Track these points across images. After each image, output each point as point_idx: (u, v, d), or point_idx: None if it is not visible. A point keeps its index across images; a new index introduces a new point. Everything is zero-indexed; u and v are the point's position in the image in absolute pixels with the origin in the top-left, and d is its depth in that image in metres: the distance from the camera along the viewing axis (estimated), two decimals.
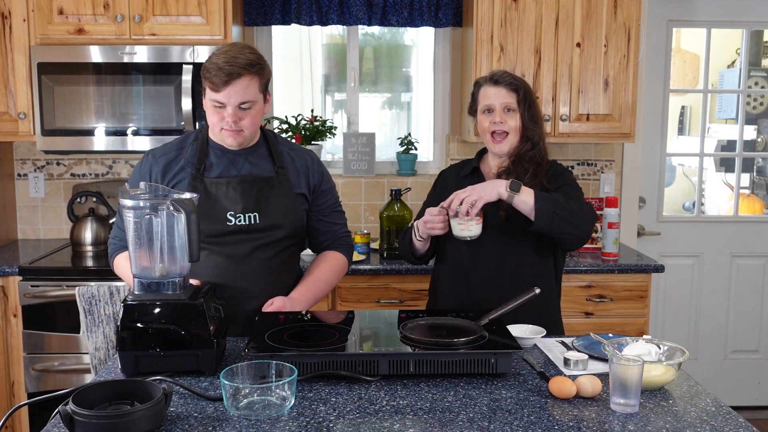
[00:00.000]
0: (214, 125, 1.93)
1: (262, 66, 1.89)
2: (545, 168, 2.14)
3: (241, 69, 1.83)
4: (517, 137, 2.11)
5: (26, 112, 3.05)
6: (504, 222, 2.08)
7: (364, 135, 3.52)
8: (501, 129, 2.10)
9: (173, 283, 1.60)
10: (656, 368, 1.54)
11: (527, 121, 2.10)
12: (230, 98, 1.85)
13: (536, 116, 2.13)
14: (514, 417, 1.41)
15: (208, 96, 1.88)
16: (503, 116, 2.09)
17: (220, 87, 1.83)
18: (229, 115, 1.87)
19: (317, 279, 2.07)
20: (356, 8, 3.38)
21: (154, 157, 1.98)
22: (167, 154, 1.98)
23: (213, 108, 1.89)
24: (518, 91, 2.10)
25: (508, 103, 2.09)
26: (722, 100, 4.05)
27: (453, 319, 1.82)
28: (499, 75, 2.13)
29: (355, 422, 1.38)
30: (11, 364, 2.92)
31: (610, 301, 3.01)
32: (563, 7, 3.09)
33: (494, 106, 2.10)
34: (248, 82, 1.85)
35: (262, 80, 1.90)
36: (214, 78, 1.83)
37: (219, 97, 1.85)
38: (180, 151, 1.98)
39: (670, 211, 3.97)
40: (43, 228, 3.52)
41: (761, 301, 3.86)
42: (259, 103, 1.92)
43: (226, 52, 1.85)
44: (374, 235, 3.36)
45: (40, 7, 2.98)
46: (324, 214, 2.12)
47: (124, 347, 1.56)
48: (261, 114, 1.94)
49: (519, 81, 2.13)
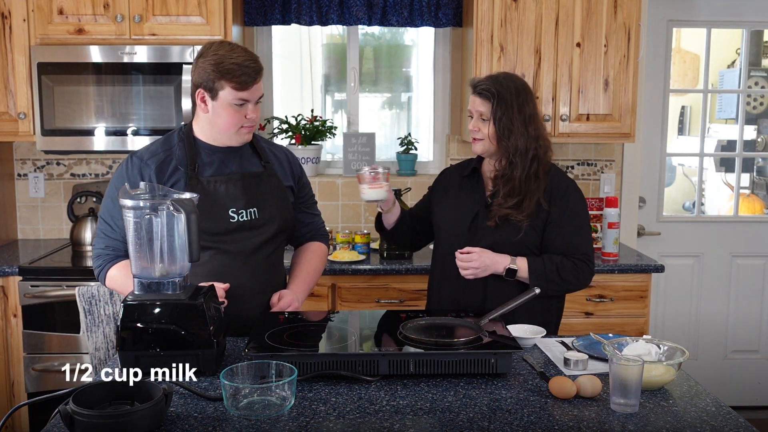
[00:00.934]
0: (231, 125, 1.90)
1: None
2: (543, 184, 2.10)
3: (260, 66, 1.88)
4: (492, 144, 2.10)
5: (26, 112, 3.05)
6: (492, 230, 2.09)
7: (364, 135, 3.52)
8: (475, 136, 2.12)
9: (173, 283, 1.60)
10: (656, 368, 1.54)
11: (498, 130, 2.06)
12: (254, 95, 1.88)
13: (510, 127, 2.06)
14: (514, 417, 1.41)
15: (228, 96, 1.85)
16: (477, 123, 2.11)
17: (250, 85, 1.85)
18: (251, 112, 1.89)
19: (310, 271, 2.13)
20: (356, 8, 3.38)
21: (142, 160, 1.92)
22: (156, 155, 1.93)
23: (232, 108, 1.87)
24: (491, 99, 2.06)
25: (482, 111, 2.09)
26: (722, 100, 4.05)
27: (453, 319, 1.82)
28: (478, 84, 2.11)
29: (355, 422, 1.38)
30: (11, 364, 2.92)
31: (610, 301, 3.01)
32: (563, 7, 3.09)
33: (472, 113, 2.13)
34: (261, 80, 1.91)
35: None
36: (242, 77, 1.83)
37: (245, 95, 1.86)
38: (169, 152, 1.95)
39: (670, 211, 3.97)
40: (43, 228, 3.52)
41: (761, 301, 3.86)
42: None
43: (239, 52, 1.85)
44: (374, 235, 3.35)
45: (40, 7, 2.98)
46: (306, 205, 2.18)
47: (124, 347, 1.56)
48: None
49: (498, 88, 2.07)
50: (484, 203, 2.15)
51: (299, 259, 2.16)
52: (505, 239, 2.07)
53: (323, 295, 2.95)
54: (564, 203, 2.11)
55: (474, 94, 2.11)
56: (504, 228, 2.07)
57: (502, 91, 2.07)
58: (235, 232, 1.93)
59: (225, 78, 1.83)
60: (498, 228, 2.08)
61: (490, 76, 2.14)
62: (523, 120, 2.07)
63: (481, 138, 2.11)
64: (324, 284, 2.94)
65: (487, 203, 2.15)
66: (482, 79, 2.12)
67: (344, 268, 2.93)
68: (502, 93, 2.07)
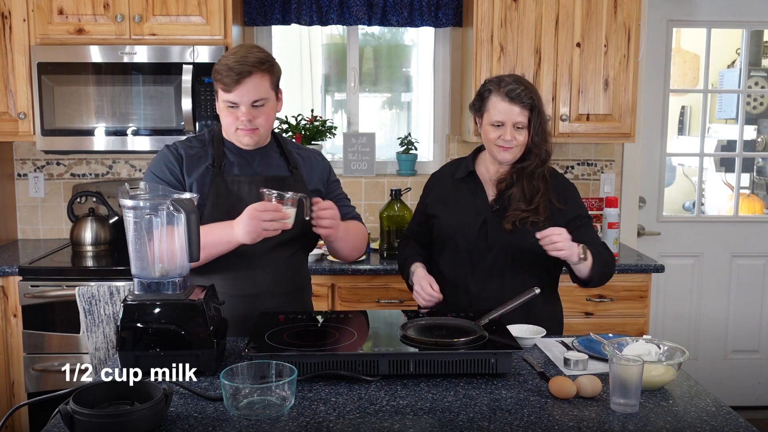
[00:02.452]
0: (228, 126, 1.92)
1: (271, 63, 1.90)
2: (551, 183, 2.10)
3: (251, 67, 1.84)
4: (522, 149, 2.07)
5: (26, 112, 3.05)
6: (509, 234, 2.05)
7: (364, 135, 3.52)
8: (510, 145, 2.05)
9: (173, 283, 1.60)
10: (656, 368, 1.54)
11: (536, 137, 2.04)
12: (243, 97, 1.85)
13: (546, 131, 2.07)
14: (514, 417, 1.41)
15: (221, 98, 1.89)
16: (513, 133, 2.03)
17: (232, 87, 1.84)
18: (243, 114, 1.87)
19: (349, 226, 2.08)
20: (356, 8, 3.38)
21: (177, 151, 1.96)
22: (192, 148, 1.98)
23: (227, 109, 1.89)
24: (532, 109, 2.02)
25: (520, 121, 2.03)
26: (722, 100, 4.05)
27: (453, 319, 1.82)
28: (514, 92, 2.01)
29: (355, 422, 1.38)
30: (11, 364, 2.92)
31: (610, 301, 3.01)
32: (563, 7, 3.09)
33: (505, 122, 2.03)
34: (259, 79, 1.86)
35: (272, 78, 1.91)
36: (225, 78, 1.84)
37: (231, 97, 1.86)
38: (202, 148, 1.99)
39: (670, 211, 3.97)
40: (43, 228, 3.52)
41: (761, 301, 3.86)
42: (272, 101, 1.92)
43: (236, 53, 1.86)
44: (374, 235, 3.35)
45: (40, 7, 2.98)
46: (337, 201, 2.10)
47: (124, 347, 1.56)
48: (274, 112, 1.95)
49: (533, 96, 2.03)
50: (489, 208, 2.11)
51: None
52: (521, 243, 2.03)
53: (323, 295, 2.95)
54: (574, 201, 2.13)
55: (511, 103, 2.02)
56: (519, 232, 2.03)
57: (536, 98, 2.04)
58: None
59: (215, 79, 1.87)
60: (514, 232, 2.04)
61: (517, 80, 2.05)
62: (547, 123, 2.10)
63: (513, 146, 2.05)
64: (324, 284, 2.94)
65: (493, 208, 2.10)
66: (516, 87, 2.03)
67: (344, 268, 2.93)
68: (538, 101, 2.05)
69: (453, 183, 2.20)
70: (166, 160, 1.95)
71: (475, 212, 2.11)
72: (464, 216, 2.12)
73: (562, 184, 2.15)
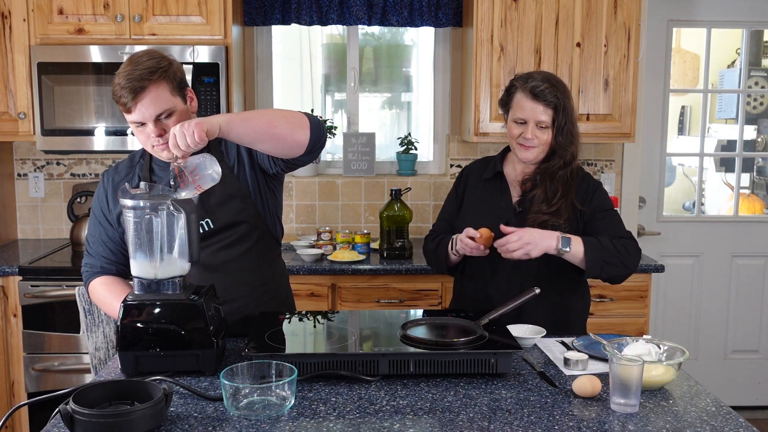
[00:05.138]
0: (144, 144, 1.82)
1: (164, 68, 1.73)
2: (575, 185, 2.06)
3: (142, 81, 1.69)
4: (545, 149, 2.04)
5: (26, 112, 3.05)
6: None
7: (364, 135, 3.52)
8: (530, 144, 2.03)
9: (173, 283, 1.60)
10: (656, 368, 1.54)
11: (560, 138, 2.00)
12: (144, 115, 1.72)
13: (572, 132, 2.02)
14: (514, 417, 1.41)
15: (127, 119, 1.77)
16: (535, 131, 2.00)
17: (130, 106, 1.71)
18: (152, 131, 1.74)
19: (247, 113, 1.84)
20: (356, 8, 3.38)
21: (104, 184, 1.95)
22: (118, 173, 1.96)
23: (136, 129, 1.77)
24: (556, 108, 1.99)
25: (542, 120, 1.99)
26: (722, 100, 4.05)
27: (453, 319, 1.82)
28: (538, 89, 1.98)
29: (355, 422, 1.38)
30: (11, 364, 2.92)
31: (610, 301, 3.01)
32: (563, 7, 3.09)
33: (527, 120, 2.01)
34: (155, 91, 1.71)
35: (171, 83, 1.74)
36: (122, 99, 1.71)
37: (134, 117, 1.73)
38: (130, 170, 1.95)
39: (670, 211, 3.97)
40: (43, 228, 3.52)
41: (761, 301, 3.86)
42: (179, 107, 1.77)
43: (125, 68, 1.72)
44: (374, 235, 3.35)
45: (40, 7, 2.98)
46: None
47: (124, 347, 1.56)
48: (186, 117, 1.77)
49: (559, 95, 1.99)
50: (513, 210, 2.09)
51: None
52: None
53: (323, 295, 2.95)
54: (598, 202, 2.07)
55: (535, 101, 1.99)
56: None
57: (563, 97, 2.00)
58: None
59: (114, 101, 1.74)
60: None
61: (546, 78, 2.02)
62: (575, 124, 2.04)
63: (535, 146, 2.02)
64: (324, 284, 2.94)
65: (516, 210, 2.08)
66: (540, 84, 1.99)
67: (344, 268, 2.93)
68: (565, 100, 2.00)
69: (478, 181, 2.18)
70: (97, 197, 1.95)
71: (497, 213, 2.08)
72: (487, 215, 2.09)
73: (587, 184, 2.10)
